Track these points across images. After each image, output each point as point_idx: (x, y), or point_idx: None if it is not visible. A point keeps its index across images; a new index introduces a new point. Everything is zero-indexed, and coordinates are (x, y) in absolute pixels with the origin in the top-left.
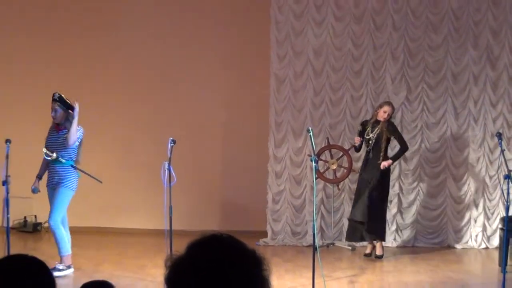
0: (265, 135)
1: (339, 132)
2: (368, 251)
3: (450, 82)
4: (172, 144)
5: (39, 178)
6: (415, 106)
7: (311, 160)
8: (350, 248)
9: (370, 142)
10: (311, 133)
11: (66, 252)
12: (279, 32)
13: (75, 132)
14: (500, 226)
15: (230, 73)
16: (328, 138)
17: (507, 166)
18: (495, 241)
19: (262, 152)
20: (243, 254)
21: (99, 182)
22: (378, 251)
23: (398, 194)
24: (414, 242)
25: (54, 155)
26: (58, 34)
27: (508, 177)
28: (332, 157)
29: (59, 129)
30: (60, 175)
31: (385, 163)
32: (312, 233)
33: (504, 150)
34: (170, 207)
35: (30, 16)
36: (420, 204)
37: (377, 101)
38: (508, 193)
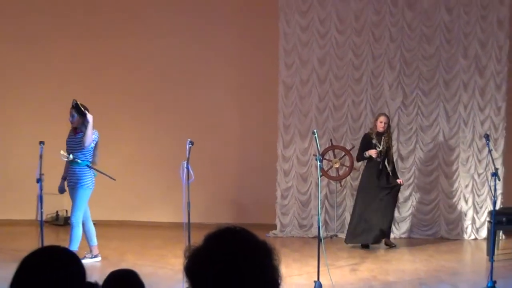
0: (274, 137)
1: (341, 134)
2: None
3: (442, 88)
4: (190, 145)
5: (64, 179)
6: (410, 110)
7: (316, 160)
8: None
9: (381, 153)
10: (316, 135)
11: (74, 248)
12: (287, 43)
13: (91, 135)
14: (488, 219)
15: (243, 81)
16: (331, 140)
17: (494, 164)
18: (484, 233)
19: (272, 152)
20: (255, 245)
21: (113, 180)
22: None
23: None
24: (410, 234)
25: (71, 156)
26: (92, 40)
27: (495, 174)
28: (335, 157)
29: (76, 132)
30: (77, 175)
31: (401, 180)
32: (317, 226)
33: (492, 150)
34: (188, 203)
35: (67, 22)
36: (415, 199)
37: (376, 105)
38: (495, 189)
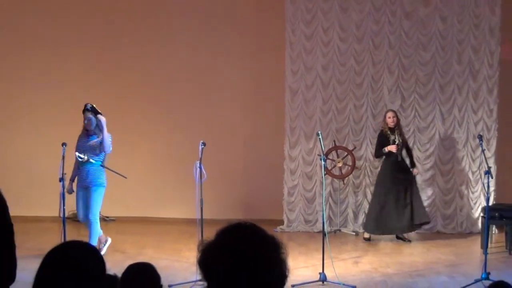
0: (281, 138)
1: (344, 135)
2: (367, 236)
3: (438, 92)
4: (202, 146)
5: (72, 180)
6: (408, 112)
7: (321, 159)
8: (354, 233)
9: (399, 147)
10: (320, 136)
11: (94, 242)
12: (292, 50)
13: (108, 138)
14: (481, 214)
15: (251, 86)
16: (334, 141)
17: (487, 163)
18: (478, 227)
19: (279, 153)
20: (264, 239)
21: (124, 178)
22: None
23: None
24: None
25: (86, 157)
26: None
27: (488, 172)
28: (338, 157)
29: (89, 134)
30: (92, 174)
31: (416, 170)
32: (321, 221)
33: (485, 149)
34: (201, 200)
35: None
36: None
37: (376, 108)
38: (488, 186)
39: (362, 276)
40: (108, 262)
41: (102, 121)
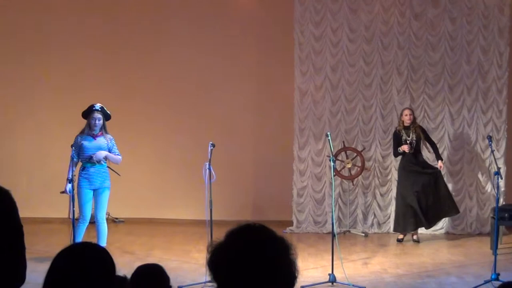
0: (290, 139)
1: (353, 136)
2: (401, 237)
3: (447, 93)
4: (212, 148)
5: (71, 181)
6: (417, 113)
7: (330, 160)
8: (363, 234)
9: (412, 145)
10: (329, 137)
11: (104, 243)
12: (301, 51)
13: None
14: (491, 215)
15: (261, 87)
16: (344, 142)
17: (496, 164)
18: (487, 228)
19: (288, 154)
20: (274, 240)
21: (119, 175)
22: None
23: None
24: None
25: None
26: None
27: (497, 173)
28: (347, 158)
29: (95, 136)
30: (103, 176)
31: (441, 163)
32: (331, 222)
33: (494, 150)
34: (211, 201)
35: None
36: None
37: (386, 109)
38: (497, 187)
39: (371, 277)
40: (117, 263)
41: (117, 160)
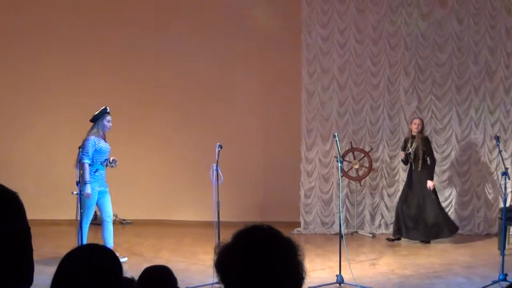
0: (298, 140)
1: (360, 137)
2: (392, 236)
3: (454, 93)
4: (219, 149)
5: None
6: (425, 114)
7: (337, 161)
8: (371, 235)
9: (411, 155)
10: (336, 138)
11: (111, 243)
12: (309, 52)
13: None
14: (499, 215)
15: (268, 88)
16: (351, 142)
17: (504, 164)
18: (495, 229)
19: (295, 155)
20: (281, 241)
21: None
22: None
23: None
24: None
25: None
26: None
27: (505, 173)
28: (355, 158)
29: (104, 138)
30: (105, 178)
31: (430, 184)
32: (338, 223)
33: (501, 150)
34: (218, 202)
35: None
36: None
37: (393, 110)
38: (505, 187)
39: (379, 278)
40: (125, 265)
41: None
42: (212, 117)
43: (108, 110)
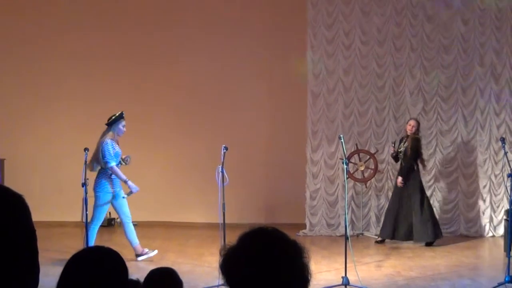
0: (303, 142)
1: (366, 138)
2: (380, 238)
3: (460, 95)
4: (225, 151)
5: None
6: (430, 115)
7: (343, 163)
8: (377, 237)
9: (400, 154)
10: (342, 140)
11: (137, 242)
12: (314, 54)
13: None
14: (504, 217)
15: (273, 90)
16: (357, 144)
17: (510, 166)
18: (501, 230)
19: (301, 156)
20: (286, 243)
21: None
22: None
23: None
24: None
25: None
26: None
27: (510, 175)
28: (360, 160)
29: (118, 142)
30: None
31: (399, 180)
32: (344, 225)
33: (507, 152)
34: (224, 204)
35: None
36: (436, 199)
37: (398, 112)
38: (511, 189)
39: (384, 280)
40: (130, 267)
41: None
42: (217, 119)
43: (124, 115)
